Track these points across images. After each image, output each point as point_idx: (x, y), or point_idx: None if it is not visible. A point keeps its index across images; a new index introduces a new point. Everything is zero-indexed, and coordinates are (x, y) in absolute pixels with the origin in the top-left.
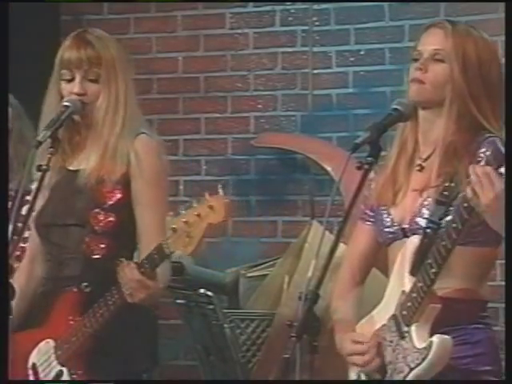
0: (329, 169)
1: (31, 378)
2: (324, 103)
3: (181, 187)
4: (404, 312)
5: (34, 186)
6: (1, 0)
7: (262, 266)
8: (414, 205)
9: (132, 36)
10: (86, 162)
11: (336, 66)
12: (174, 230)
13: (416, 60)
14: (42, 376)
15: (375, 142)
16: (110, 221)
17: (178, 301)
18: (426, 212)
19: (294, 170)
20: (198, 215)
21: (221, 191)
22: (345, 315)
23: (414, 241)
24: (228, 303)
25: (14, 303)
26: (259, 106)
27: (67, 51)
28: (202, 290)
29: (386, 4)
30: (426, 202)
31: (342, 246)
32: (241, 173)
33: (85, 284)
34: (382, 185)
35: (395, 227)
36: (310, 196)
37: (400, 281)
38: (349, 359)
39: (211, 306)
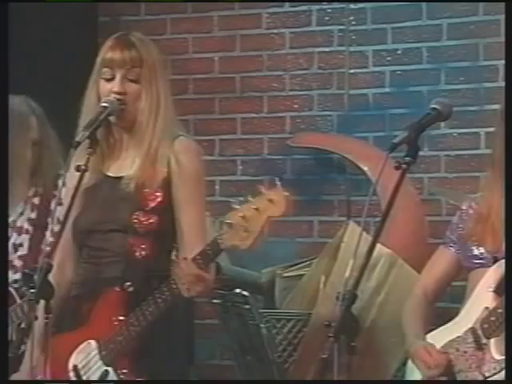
0: (365, 169)
1: (73, 379)
2: (360, 103)
3: (217, 187)
4: (485, 325)
5: (68, 186)
6: (1, 0)
7: (298, 266)
8: None
9: (169, 37)
10: (128, 169)
11: (373, 65)
12: (230, 224)
13: None
14: (84, 377)
15: (413, 141)
16: (152, 222)
17: (215, 300)
18: None
19: (330, 169)
20: (257, 209)
21: (279, 185)
22: (414, 328)
23: (503, 264)
24: (264, 303)
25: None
26: (295, 106)
27: (110, 51)
28: (238, 290)
29: (423, 3)
30: None
31: (378, 246)
32: (277, 173)
33: (128, 284)
34: (478, 224)
35: (487, 257)
36: (347, 196)
37: (482, 299)
38: (416, 363)
39: (247, 306)
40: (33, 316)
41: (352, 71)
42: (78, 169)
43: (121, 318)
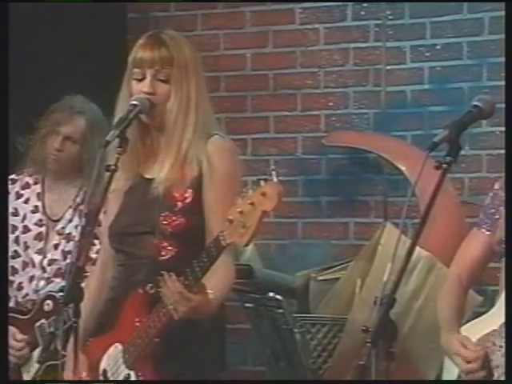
0: (403, 168)
1: None
2: (398, 100)
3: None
4: None
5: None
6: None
7: (333, 269)
8: None
9: (199, 33)
10: (160, 171)
11: (410, 61)
12: (230, 221)
13: None
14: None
15: (454, 140)
16: (179, 223)
17: (247, 304)
18: None
19: (366, 169)
20: (252, 203)
21: (274, 177)
22: (448, 315)
23: None
24: (298, 307)
25: (82, 306)
26: (330, 104)
27: (141, 50)
28: (271, 294)
29: None
30: None
31: (416, 249)
32: (311, 173)
33: (150, 285)
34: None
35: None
36: (383, 197)
37: None
38: (454, 359)
39: (280, 310)
40: (61, 319)
41: (389, 67)
42: (107, 169)
43: (142, 320)
